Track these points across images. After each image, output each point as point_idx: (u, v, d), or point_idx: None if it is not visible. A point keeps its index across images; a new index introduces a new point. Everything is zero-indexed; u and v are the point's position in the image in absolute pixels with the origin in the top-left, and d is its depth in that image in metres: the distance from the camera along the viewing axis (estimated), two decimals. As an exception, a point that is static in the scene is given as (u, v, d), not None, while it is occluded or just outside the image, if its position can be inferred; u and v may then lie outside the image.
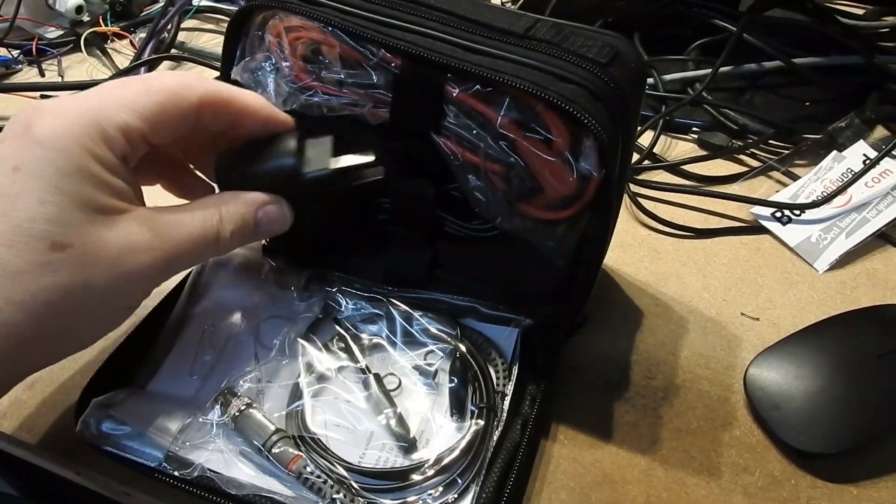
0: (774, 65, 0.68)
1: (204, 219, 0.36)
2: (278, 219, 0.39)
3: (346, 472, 0.37)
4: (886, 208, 0.54)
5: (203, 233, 0.35)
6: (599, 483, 0.39)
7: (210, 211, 0.36)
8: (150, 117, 0.34)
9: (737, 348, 0.46)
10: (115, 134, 0.33)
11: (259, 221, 0.38)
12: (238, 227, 0.37)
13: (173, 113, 0.35)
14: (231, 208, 0.37)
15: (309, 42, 0.39)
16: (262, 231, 0.38)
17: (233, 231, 0.37)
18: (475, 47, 0.36)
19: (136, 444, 0.38)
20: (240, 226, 0.37)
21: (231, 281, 0.46)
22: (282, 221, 0.39)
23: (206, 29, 0.78)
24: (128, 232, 0.33)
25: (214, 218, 0.36)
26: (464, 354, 0.42)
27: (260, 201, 0.38)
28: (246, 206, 0.37)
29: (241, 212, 0.37)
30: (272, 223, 0.38)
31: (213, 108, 0.36)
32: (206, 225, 0.36)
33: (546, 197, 0.38)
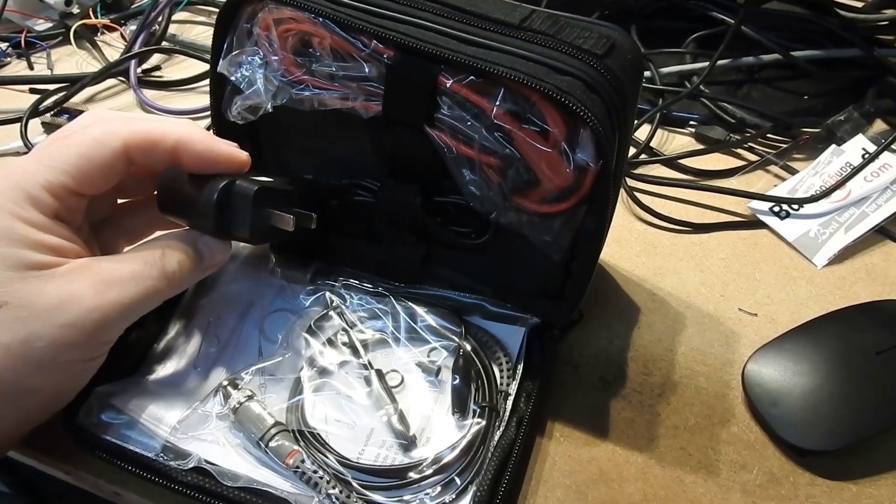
0: (772, 58, 0.68)
1: (145, 257, 0.36)
2: (216, 248, 0.39)
3: (344, 468, 0.37)
4: (886, 203, 0.54)
5: (145, 270, 0.35)
6: (596, 481, 0.39)
7: (151, 249, 0.37)
8: (72, 170, 0.35)
9: (734, 344, 0.46)
10: (39, 194, 0.34)
11: (201, 252, 0.38)
12: (182, 262, 0.37)
13: (98, 161, 0.35)
14: (171, 242, 0.37)
15: (299, 34, 0.38)
16: (207, 263, 0.39)
17: (180, 262, 0.37)
18: (469, 38, 0.36)
19: (133, 433, 0.38)
20: (184, 258, 0.37)
21: (238, 274, 0.46)
22: (221, 250, 0.39)
23: (198, 21, 0.77)
24: (65, 281, 0.33)
25: (156, 254, 0.36)
26: (468, 352, 0.41)
27: (196, 234, 0.39)
28: (185, 240, 0.38)
29: (181, 245, 0.38)
30: (213, 254, 0.39)
31: (142, 149, 0.36)
32: (147, 261, 0.36)
33: (542, 189, 0.37)
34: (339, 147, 0.43)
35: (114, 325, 0.34)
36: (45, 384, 0.34)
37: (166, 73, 0.71)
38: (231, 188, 0.38)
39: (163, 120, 0.38)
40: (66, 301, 0.33)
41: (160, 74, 0.70)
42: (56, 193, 0.35)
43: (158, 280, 0.36)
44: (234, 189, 0.38)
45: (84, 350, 0.34)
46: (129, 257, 0.36)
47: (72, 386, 0.36)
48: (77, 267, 0.34)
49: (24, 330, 0.32)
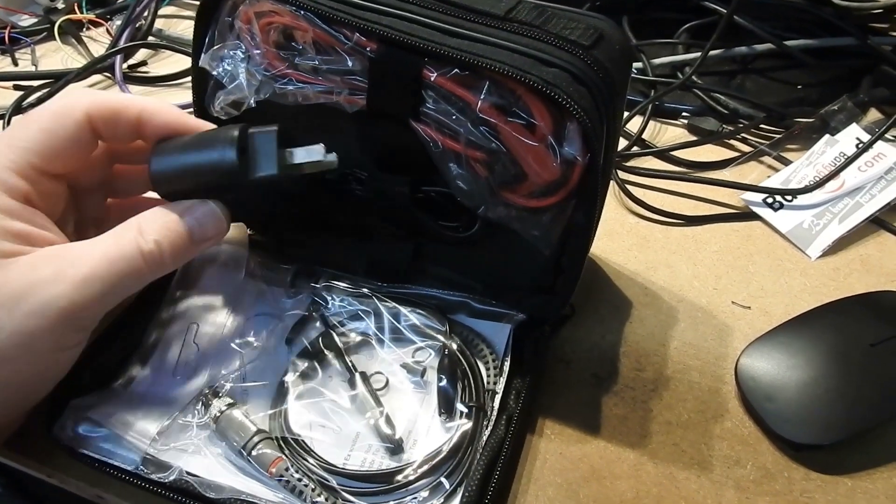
0: (766, 47, 0.67)
1: (117, 237, 0.33)
2: (212, 220, 0.36)
3: (329, 475, 0.36)
4: (880, 193, 0.53)
5: (119, 250, 0.33)
6: (587, 478, 0.38)
7: (124, 228, 0.34)
8: (36, 147, 0.33)
9: (728, 338, 0.45)
10: (5, 176, 0.32)
11: (190, 227, 0.35)
12: (164, 236, 0.34)
13: (61, 135, 0.34)
14: (149, 217, 0.34)
15: (281, 27, 0.37)
16: (198, 238, 0.35)
17: (158, 242, 0.34)
18: (454, 30, 0.35)
19: (112, 446, 0.37)
20: (166, 235, 0.34)
21: (217, 278, 0.45)
22: (217, 222, 0.36)
23: (184, 16, 0.76)
24: (28, 268, 0.31)
25: (130, 233, 0.34)
26: (453, 352, 0.40)
27: (184, 207, 0.35)
28: (167, 215, 0.35)
29: (161, 220, 0.34)
30: (206, 226, 0.36)
31: (105, 119, 0.35)
32: (121, 241, 0.33)
33: (530, 184, 0.37)
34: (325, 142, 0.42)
35: (85, 311, 0.32)
36: (14, 376, 0.32)
37: (152, 68, 0.70)
38: (247, 129, 0.35)
39: (126, 94, 0.37)
40: (29, 288, 0.31)
41: (146, 70, 0.70)
42: (24, 174, 0.33)
43: (133, 260, 0.33)
44: (251, 130, 0.35)
45: (54, 339, 0.32)
46: (100, 238, 0.33)
47: (46, 377, 0.35)
48: (43, 254, 0.32)
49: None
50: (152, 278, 0.35)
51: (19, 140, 0.33)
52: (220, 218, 0.36)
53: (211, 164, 0.35)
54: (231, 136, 0.35)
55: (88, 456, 0.37)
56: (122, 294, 0.34)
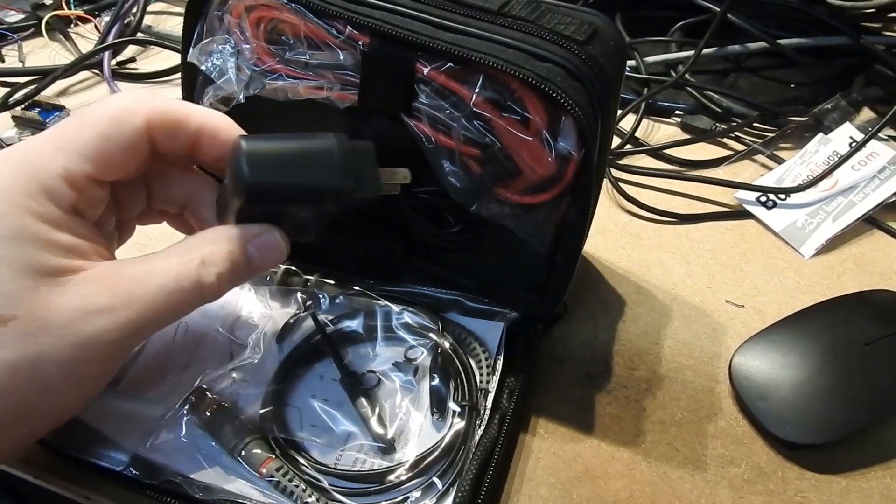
0: (759, 46, 0.67)
1: (179, 266, 0.31)
2: (274, 251, 0.33)
3: (320, 475, 0.36)
4: (873, 192, 0.53)
5: (178, 284, 0.30)
6: (581, 478, 0.38)
7: (187, 256, 0.31)
8: (91, 154, 0.31)
9: (721, 336, 0.45)
10: (55, 184, 0.30)
11: (251, 258, 0.33)
12: (226, 269, 0.32)
13: (119, 142, 0.31)
14: (215, 248, 0.32)
15: (271, 21, 0.37)
16: (256, 267, 0.33)
17: (220, 274, 0.31)
18: (447, 24, 0.35)
19: (101, 447, 0.37)
20: (228, 268, 0.32)
21: None
22: (278, 253, 0.33)
23: (174, 12, 0.75)
24: (82, 294, 0.29)
25: (193, 263, 0.31)
26: (445, 350, 0.40)
27: (250, 234, 0.33)
28: (233, 244, 0.32)
29: (227, 250, 0.32)
30: (266, 257, 0.33)
31: (165, 129, 0.33)
32: (181, 273, 0.31)
33: (524, 180, 0.36)
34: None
35: (132, 341, 0.31)
36: (54, 404, 0.30)
37: (141, 65, 0.69)
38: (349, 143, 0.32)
39: (186, 102, 0.34)
40: (82, 317, 0.29)
41: (135, 67, 0.69)
42: (75, 183, 0.30)
43: (192, 293, 0.31)
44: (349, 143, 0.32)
45: (96, 368, 0.31)
46: (159, 264, 0.31)
47: (81, 402, 0.33)
48: (96, 275, 0.30)
49: (32, 349, 0.28)
50: (198, 307, 0.32)
51: (73, 144, 0.31)
52: (283, 249, 0.34)
53: (317, 182, 0.32)
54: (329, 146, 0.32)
55: (75, 457, 0.36)
56: (166, 325, 0.32)
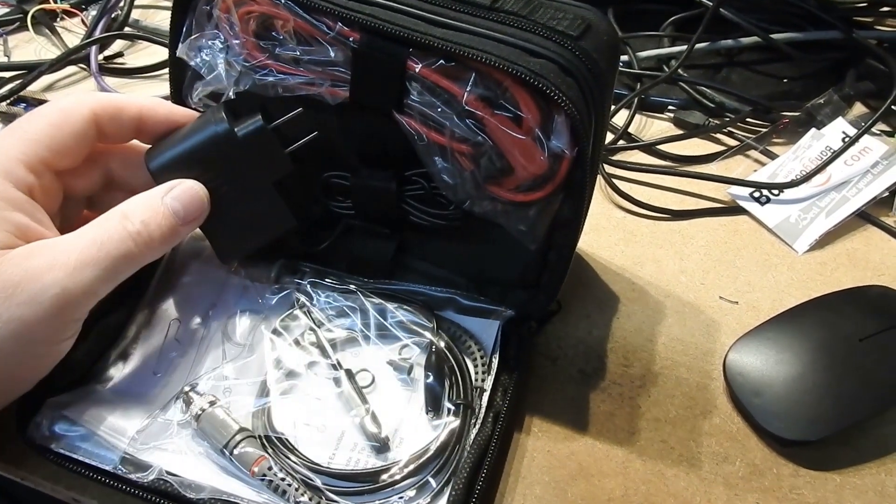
0: (751, 40, 0.66)
1: (103, 222, 0.34)
2: (192, 198, 0.37)
3: (313, 474, 0.35)
4: (866, 187, 0.53)
5: (107, 234, 0.34)
6: (575, 476, 0.38)
7: (109, 214, 0.35)
8: (45, 140, 0.35)
9: (716, 333, 0.45)
10: (14, 168, 0.34)
11: (172, 207, 0.36)
12: (150, 217, 0.35)
13: (69, 130, 0.35)
14: (132, 203, 0.35)
15: (261, 16, 0.36)
16: (181, 216, 0.36)
17: (144, 222, 0.34)
18: (439, 20, 0.34)
19: (90, 445, 0.36)
20: (151, 216, 0.35)
21: (199, 274, 0.44)
22: (197, 200, 0.37)
23: (162, 6, 0.74)
24: (22, 258, 0.32)
25: (114, 217, 0.34)
26: (440, 349, 0.40)
27: (166, 188, 0.36)
28: (150, 197, 0.36)
29: (145, 202, 0.35)
30: (187, 206, 0.36)
31: (109, 115, 0.37)
32: (107, 226, 0.34)
33: (516, 178, 0.36)
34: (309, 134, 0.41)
35: (79, 298, 0.33)
36: (8, 368, 0.33)
37: (129, 59, 0.69)
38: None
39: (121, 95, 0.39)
40: (24, 278, 0.31)
41: (123, 61, 0.68)
42: (32, 167, 0.34)
43: (122, 242, 0.34)
44: None
45: (48, 329, 0.33)
46: (86, 227, 0.34)
47: (37, 370, 0.35)
48: (36, 246, 0.33)
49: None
50: (144, 261, 0.35)
51: (29, 133, 0.35)
52: (201, 195, 0.37)
53: (204, 138, 0.37)
54: (219, 109, 0.38)
55: (64, 456, 0.36)
56: (116, 279, 0.34)
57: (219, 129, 0.37)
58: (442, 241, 0.43)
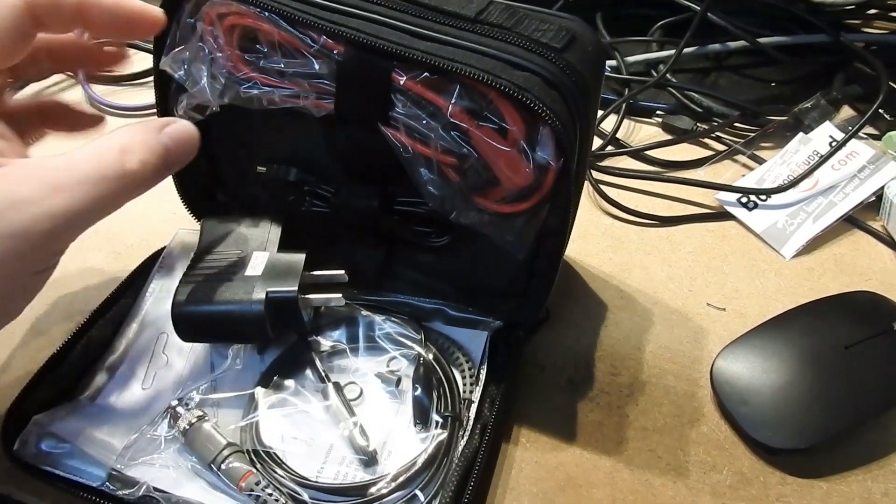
0: (739, 44, 0.67)
1: (100, 157, 0.32)
2: (185, 138, 0.35)
3: (301, 488, 0.35)
4: (853, 191, 0.53)
5: (101, 170, 0.31)
6: (563, 487, 0.38)
7: (105, 147, 0.32)
8: None
9: (703, 340, 0.45)
10: None
11: (166, 146, 0.34)
12: (146, 155, 0.33)
13: (5, 25, 0.32)
14: (130, 138, 0.33)
15: (244, 29, 0.36)
16: (173, 155, 0.34)
17: (142, 161, 0.32)
18: (423, 33, 0.34)
19: (77, 462, 0.36)
20: (147, 154, 0.33)
21: None
22: (189, 141, 0.35)
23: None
24: (6, 185, 0.30)
25: (113, 150, 0.32)
26: (428, 361, 0.40)
27: (162, 123, 0.35)
28: (147, 132, 0.34)
29: (141, 139, 0.33)
30: (180, 145, 0.35)
31: (46, 6, 0.33)
32: (103, 161, 0.32)
33: (502, 189, 0.36)
34: (294, 146, 0.41)
35: (64, 233, 0.31)
36: None
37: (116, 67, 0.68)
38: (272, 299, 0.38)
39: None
40: (9, 207, 0.29)
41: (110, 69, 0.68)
42: None
43: (116, 182, 0.31)
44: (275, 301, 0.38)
45: (31, 261, 0.31)
46: (82, 157, 0.32)
47: (18, 302, 0.33)
48: (19, 168, 0.30)
49: None
50: (129, 200, 0.33)
51: None
52: (193, 135, 0.35)
53: (235, 310, 0.38)
54: (262, 289, 0.38)
55: (51, 473, 0.36)
56: (100, 217, 0.32)
57: (253, 308, 0.38)
58: (430, 251, 0.43)
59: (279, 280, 0.39)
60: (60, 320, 0.45)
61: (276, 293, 0.38)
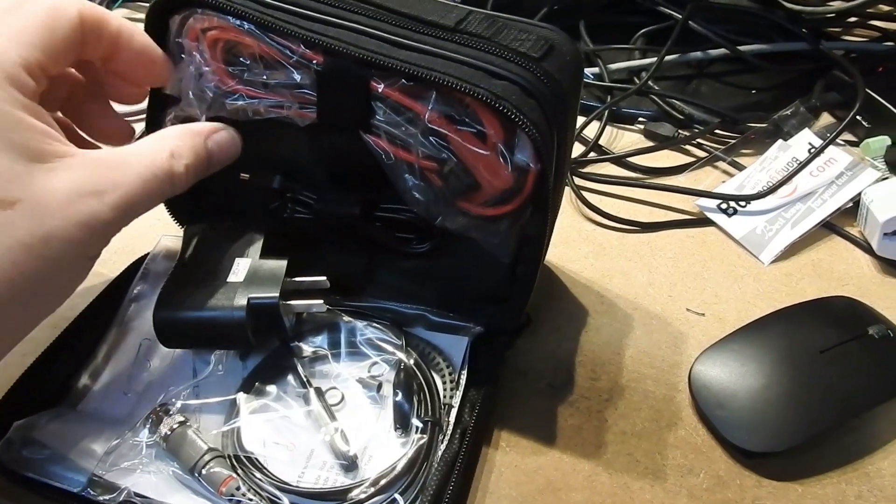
0: (720, 52, 0.68)
1: (153, 158, 0.33)
2: (230, 146, 0.37)
3: (282, 493, 0.35)
4: (831, 198, 0.54)
5: (153, 172, 0.33)
6: (542, 491, 0.38)
7: (158, 148, 0.34)
8: (39, 44, 0.32)
9: (682, 345, 0.46)
10: (17, 72, 0.31)
11: (211, 152, 0.36)
12: (192, 161, 0.35)
13: (60, 33, 0.33)
14: (181, 142, 0.35)
15: (227, 42, 0.37)
16: (216, 161, 0.37)
17: (187, 166, 0.34)
18: (402, 42, 0.35)
19: (58, 468, 0.36)
20: (193, 160, 0.35)
21: None
22: (234, 148, 0.38)
23: (137, 19, 0.74)
24: (72, 178, 0.31)
25: (164, 154, 0.34)
26: (409, 366, 0.40)
27: (210, 130, 0.36)
28: (195, 137, 0.36)
29: (191, 144, 0.35)
30: (224, 151, 0.37)
31: (93, 24, 0.35)
32: (155, 164, 0.33)
33: (485, 192, 0.37)
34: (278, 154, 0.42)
35: (119, 224, 0.32)
36: (60, 284, 0.32)
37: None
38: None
39: None
40: (77, 199, 0.30)
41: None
42: (33, 73, 0.32)
43: (164, 182, 0.33)
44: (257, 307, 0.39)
45: (92, 248, 0.32)
46: (136, 155, 0.33)
47: (75, 285, 0.34)
48: (81, 161, 0.32)
49: (41, 229, 0.30)
50: (167, 198, 0.35)
51: (23, 36, 0.32)
52: (238, 144, 0.38)
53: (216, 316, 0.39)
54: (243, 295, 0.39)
55: (32, 479, 0.36)
56: (142, 213, 0.34)
57: (234, 315, 0.38)
58: (412, 258, 0.43)
59: (261, 286, 0.39)
60: (43, 326, 0.44)
61: (258, 299, 0.38)
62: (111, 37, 0.35)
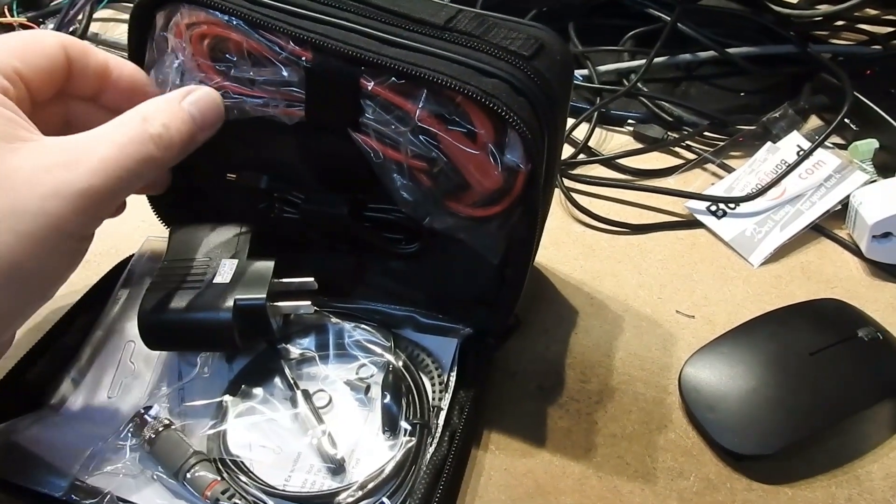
0: (709, 55, 0.68)
1: (125, 123, 0.33)
2: (208, 105, 0.36)
3: (268, 497, 0.35)
4: (820, 200, 0.54)
5: (128, 137, 0.32)
6: (532, 494, 0.38)
7: (128, 117, 0.33)
8: (16, 53, 0.33)
9: (672, 347, 0.45)
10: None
11: (190, 113, 0.35)
12: (168, 119, 0.34)
13: (39, 50, 0.34)
14: (152, 107, 0.34)
15: (214, 38, 0.36)
16: (200, 122, 0.35)
17: (166, 125, 0.33)
18: (392, 39, 0.34)
19: (40, 472, 0.36)
20: (169, 118, 0.34)
21: None
22: (213, 107, 0.36)
23: (121, 19, 0.73)
24: (37, 155, 0.30)
25: (135, 119, 0.33)
26: (397, 368, 0.40)
27: (184, 92, 0.35)
28: (169, 101, 0.35)
29: (164, 108, 0.34)
30: (204, 112, 0.35)
31: (78, 54, 0.35)
32: (128, 128, 0.33)
33: (474, 192, 0.36)
34: (266, 153, 0.41)
35: (102, 196, 0.31)
36: (42, 264, 0.31)
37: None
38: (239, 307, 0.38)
39: None
40: (43, 173, 0.30)
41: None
42: (7, 74, 0.32)
43: (144, 145, 0.32)
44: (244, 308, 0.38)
45: (73, 223, 0.31)
46: (104, 128, 0.33)
47: (65, 269, 0.33)
48: (50, 142, 0.31)
49: (7, 200, 0.29)
50: (165, 165, 0.34)
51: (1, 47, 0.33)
52: (217, 102, 0.36)
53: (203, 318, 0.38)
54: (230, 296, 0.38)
55: (12, 484, 0.35)
56: (137, 181, 0.33)
57: (221, 316, 0.38)
58: (401, 259, 0.43)
59: (248, 288, 0.38)
60: (26, 328, 0.44)
61: (245, 301, 0.38)
62: (98, 69, 0.36)
